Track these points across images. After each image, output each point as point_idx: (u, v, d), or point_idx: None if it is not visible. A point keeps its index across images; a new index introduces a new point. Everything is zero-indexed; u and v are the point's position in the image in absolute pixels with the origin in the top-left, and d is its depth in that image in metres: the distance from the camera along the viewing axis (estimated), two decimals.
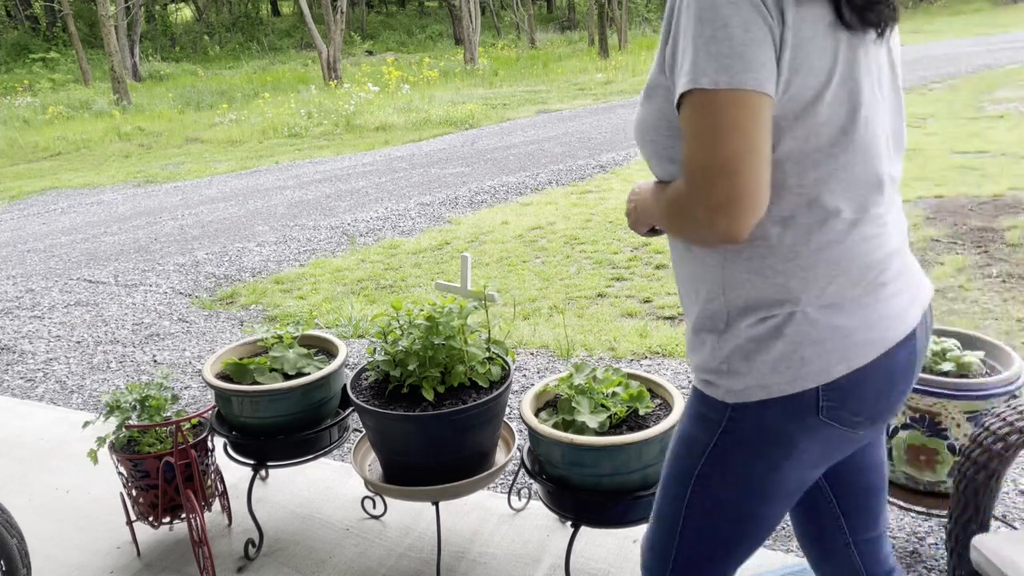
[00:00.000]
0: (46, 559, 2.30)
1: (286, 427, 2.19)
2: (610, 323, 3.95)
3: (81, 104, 14.92)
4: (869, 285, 1.08)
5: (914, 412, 1.93)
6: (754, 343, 1.09)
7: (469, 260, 2.13)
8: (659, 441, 1.85)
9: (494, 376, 2.06)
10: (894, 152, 1.13)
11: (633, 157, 7.99)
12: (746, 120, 0.95)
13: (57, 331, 4.40)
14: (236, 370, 2.25)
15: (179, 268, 5.43)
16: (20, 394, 3.62)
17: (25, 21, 25.10)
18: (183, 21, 29.56)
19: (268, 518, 2.43)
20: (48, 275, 5.51)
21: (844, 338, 1.07)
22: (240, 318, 4.43)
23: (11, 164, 10.90)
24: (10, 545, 1.72)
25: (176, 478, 2.14)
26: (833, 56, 1.00)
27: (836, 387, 1.08)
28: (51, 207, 7.92)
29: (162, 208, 7.46)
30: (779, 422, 1.11)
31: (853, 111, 1.02)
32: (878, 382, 1.10)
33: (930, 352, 2.02)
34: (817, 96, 1.00)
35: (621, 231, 5.48)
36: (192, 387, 3.57)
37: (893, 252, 1.11)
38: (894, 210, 1.13)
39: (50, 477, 2.77)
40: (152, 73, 20.34)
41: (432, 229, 5.98)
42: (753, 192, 0.96)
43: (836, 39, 1.00)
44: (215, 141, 11.50)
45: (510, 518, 2.37)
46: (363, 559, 2.24)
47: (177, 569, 2.24)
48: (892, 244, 1.11)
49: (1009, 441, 1.53)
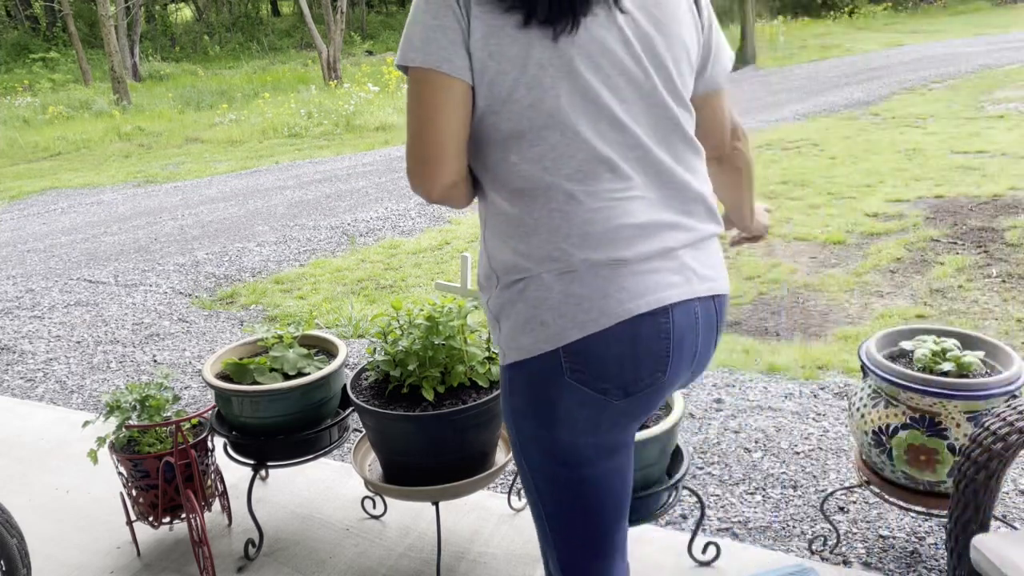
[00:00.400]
0: (46, 559, 2.30)
1: (286, 427, 2.19)
2: None
3: (81, 104, 14.91)
4: (602, 258, 1.14)
5: (914, 412, 1.93)
6: (507, 305, 1.20)
7: (469, 260, 2.13)
8: (659, 441, 1.85)
9: (494, 376, 2.06)
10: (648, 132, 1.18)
11: None
12: (429, 95, 1.13)
13: (57, 331, 4.40)
14: (236, 370, 2.25)
15: (179, 268, 5.43)
16: (20, 394, 3.62)
17: (25, 21, 25.10)
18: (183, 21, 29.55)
19: (268, 518, 2.43)
20: (48, 275, 5.51)
21: (576, 305, 1.14)
22: (240, 318, 4.43)
23: (11, 164, 10.90)
24: (10, 545, 1.72)
25: (176, 478, 2.14)
26: (527, 44, 1.10)
27: (575, 351, 1.15)
28: (51, 207, 7.92)
29: (162, 208, 7.46)
30: (538, 382, 1.19)
31: (557, 96, 1.11)
32: (619, 351, 1.15)
33: (930, 352, 2.02)
34: (516, 82, 1.11)
35: None
36: (192, 387, 3.57)
37: (639, 232, 1.16)
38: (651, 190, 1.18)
39: (50, 477, 2.77)
40: (152, 73, 20.33)
41: (432, 229, 5.98)
42: (435, 158, 1.14)
43: (527, 34, 1.10)
44: (215, 141, 11.50)
45: (510, 518, 2.37)
46: (363, 559, 2.24)
47: (177, 569, 2.24)
48: (634, 222, 1.16)
49: (1009, 441, 1.53)
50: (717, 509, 2.43)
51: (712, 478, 2.59)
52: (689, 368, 1.24)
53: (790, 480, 2.55)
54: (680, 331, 1.18)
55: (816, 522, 2.33)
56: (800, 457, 2.68)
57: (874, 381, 2.04)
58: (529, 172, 1.16)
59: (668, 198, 1.20)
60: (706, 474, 2.62)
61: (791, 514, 2.38)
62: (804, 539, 2.26)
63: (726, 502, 2.46)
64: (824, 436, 2.79)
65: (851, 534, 2.27)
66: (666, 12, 1.17)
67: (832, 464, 2.62)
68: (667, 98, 1.18)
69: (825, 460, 2.65)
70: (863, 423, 2.04)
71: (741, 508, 2.43)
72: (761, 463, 2.66)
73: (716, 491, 2.52)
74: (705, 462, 2.69)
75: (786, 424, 2.89)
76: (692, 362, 1.24)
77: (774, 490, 2.51)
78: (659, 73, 1.17)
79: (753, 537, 2.29)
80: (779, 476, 2.58)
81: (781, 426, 2.88)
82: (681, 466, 1.97)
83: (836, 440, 2.76)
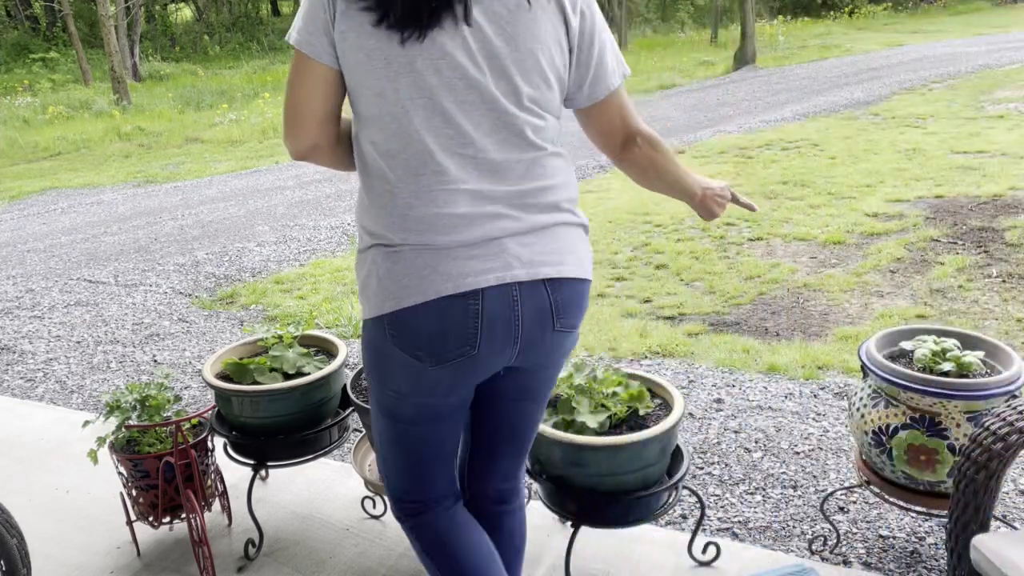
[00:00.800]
0: (46, 559, 2.30)
1: (286, 427, 2.19)
2: (610, 323, 3.95)
3: (81, 104, 14.90)
4: (421, 241, 1.29)
5: (914, 412, 1.93)
6: (358, 267, 1.39)
7: None
8: (659, 441, 1.85)
9: None
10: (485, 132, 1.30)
11: None
12: (295, 73, 1.31)
13: (57, 331, 4.40)
14: (236, 370, 2.25)
15: (179, 268, 5.43)
16: (20, 394, 3.62)
17: (25, 21, 25.09)
18: (183, 21, 29.53)
19: (268, 518, 2.43)
20: (48, 275, 5.51)
21: (394, 280, 1.30)
22: (240, 318, 4.43)
23: (11, 164, 10.90)
24: (10, 545, 1.72)
25: (176, 478, 2.14)
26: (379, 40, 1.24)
27: (393, 320, 1.32)
28: (51, 207, 7.92)
29: (162, 208, 7.47)
30: (373, 341, 1.38)
31: (397, 90, 1.26)
32: (428, 326, 1.31)
33: (930, 352, 2.02)
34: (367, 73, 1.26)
35: (621, 231, 5.48)
36: (192, 387, 3.57)
37: (460, 221, 1.29)
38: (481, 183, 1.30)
39: (50, 477, 2.77)
40: (152, 73, 20.31)
41: None
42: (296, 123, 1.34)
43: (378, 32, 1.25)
44: (215, 141, 11.50)
45: None
46: (363, 559, 2.24)
47: (177, 569, 2.24)
48: (454, 212, 1.29)
49: (1009, 441, 1.53)
50: (717, 509, 2.43)
51: (712, 478, 2.59)
52: (513, 345, 1.36)
53: (790, 480, 2.55)
54: (491, 312, 1.31)
55: (816, 522, 2.33)
56: (800, 457, 2.68)
57: (874, 381, 2.04)
58: (371, 154, 1.32)
59: (498, 192, 1.32)
60: (706, 474, 2.62)
61: (791, 514, 2.38)
62: (804, 539, 2.26)
63: (726, 502, 2.46)
64: (824, 436, 2.79)
65: (851, 534, 2.27)
66: (520, 30, 1.29)
67: (832, 464, 2.62)
68: (507, 103, 1.30)
69: (825, 460, 2.65)
70: (863, 423, 2.04)
71: (741, 508, 2.43)
72: (761, 463, 2.66)
73: (716, 491, 2.52)
74: (705, 462, 2.69)
75: (786, 424, 2.89)
76: (516, 341, 1.35)
77: (774, 490, 2.51)
78: (502, 81, 1.29)
79: (753, 537, 2.29)
80: (779, 476, 2.58)
81: (781, 426, 2.88)
82: (681, 466, 1.97)
83: (836, 440, 2.76)
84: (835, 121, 8.96)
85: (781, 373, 3.29)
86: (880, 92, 10.72)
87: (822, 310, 3.95)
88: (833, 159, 7.09)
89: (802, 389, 3.15)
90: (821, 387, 3.15)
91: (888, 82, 11.57)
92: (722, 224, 5.45)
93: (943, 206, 5.45)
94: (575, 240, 1.41)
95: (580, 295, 1.41)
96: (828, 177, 6.47)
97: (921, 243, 4.73)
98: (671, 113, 10.73)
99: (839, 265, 4.53)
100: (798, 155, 7.40)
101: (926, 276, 4.24)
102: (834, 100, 10.37)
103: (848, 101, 10.20)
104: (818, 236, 5.03)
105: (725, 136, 8.58)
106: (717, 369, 3.38)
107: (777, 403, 3.05)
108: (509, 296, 1.31)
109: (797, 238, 5.05)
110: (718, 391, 3.18)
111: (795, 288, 4.24)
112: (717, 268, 4.62)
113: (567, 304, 1.38)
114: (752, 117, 9.61)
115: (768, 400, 3.08)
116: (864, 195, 5.85)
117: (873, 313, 3.84)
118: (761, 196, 6.09)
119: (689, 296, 4.24)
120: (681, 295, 4.26)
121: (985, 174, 6.10)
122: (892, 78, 11.96)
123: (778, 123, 9.11)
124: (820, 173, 6.63)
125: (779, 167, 6.98)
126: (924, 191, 5.81)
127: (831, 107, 9.88)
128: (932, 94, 10.24)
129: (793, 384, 3.19)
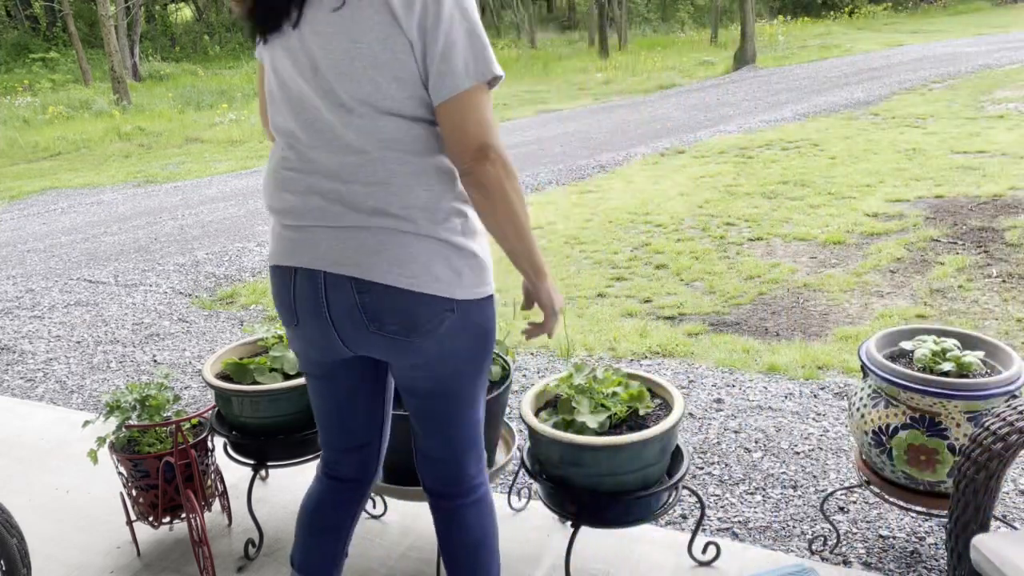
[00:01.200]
0: (46, 559, 2.30)
1: (286, 427, 2.19)
2: (610, 323, 3.95)
3: (81, 104, 14.90)
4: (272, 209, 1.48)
5: (914, 412, 1.93)
6: None
7: None
8: (659, 441, 1.85)
9: (494, 376, 2.06)
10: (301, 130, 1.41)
11: (634, 157, 7.99)
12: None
13: (57, 331, 4.40)
14: (236, 370, 2.25)
15: (179, 268, 5.43)
16: (20, 394, 3.62)
17: (25, 21, 25.08)
18: (183, 21, 29.53)
19: (268, 518, 2.43)
20: (48, 275, 5.51)
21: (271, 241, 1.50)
22: (240, 318, 4.43)
23: (11, 164, 10.90)
24: (10, 545, 1.72)
25: (176, 478, 2.14)
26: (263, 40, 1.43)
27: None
28: (51, 207, 7.92)
29: (162, 208, 7.47)
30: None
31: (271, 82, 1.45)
32: (273, 288, 1.52)
33: (930, 352, 2.02)
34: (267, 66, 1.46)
35: (621, 231, 5.48)
36: (192, 387, 3.57)
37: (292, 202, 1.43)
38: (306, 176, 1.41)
39: (50, 477, 2.77)
40: (152, 73, 20.32)
41: None
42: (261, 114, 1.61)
43: None
44: (215, 141, 11.50)
45: (510, 518, 2.37)
46: (363, 559, 2.23)
47: (177, 569, 2.24)
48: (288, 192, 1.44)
49: (1009, 441, 1.53)
50: (717, 509, 2.43)
51: (712, 478, 2.59)
52: (330, 330, 1.45)
53: (790, 480, 2.55)
54: (302, 290, 1.44)
55: (816, 522, 2.33)
56: (800, 457, 2.68)
57: (874, 381, 2.04)
58: None
59: (318, 186, 1.41)
60: (706, 474, 2.62)
61: (791, 514, 2.38)
62: (804, 539, 2.26)
63: (726, 502, 2.46)
64: (824, 436, 2.79)
65: (851, 534, 2.27)
66: (337, 30, 1.33)
67: (832, 464, 2.62)
68: (319, 104, 1.37)
69: (825, 460, 2.65)
70: (863, 423, 2.04)
71: (741, 508, 2.43)
72: (761, 463, 2.66)
73: (716, 491, 2.52)
74: (705, 462, 2.69)
75: (786, 424, 2.89)
76: (330, 325, 1.44)
77: (774, 490, 2.51)
78: (317, 84, 1.37)
79: (753, 537, 2.29)
80: (779, 476, 2.58)
81: (781, 426, 2.88)
82: (681, 466, 1.97)
83: (836, 440, 2.76)
84: (835, 121, 8.96)
85: (781, 373, 3.29)
86: (880, 92, 10.72)
87: (822, 310, 3.95)
88: (833, 159, 7.09)
89: (802, 389, 3.15)
90: (821, 387, 3.15)
91: (888, 82, 11.57)
92: (722, 224, 5.45)
93: (943, 206, 5.45)
94: (407, 248, 1.36)
95: (399, 303, 1.37)
96: (828, 177, 6.47)
97: (921, 243, 4.73)
98: (671, 113, 10.73)
99: (839, 265, 4.53)
100: (798, 155, 7.40)
101: (926, 276, 4.24)
102: (834, 100, 10.38)
103: (848, 101, 10.20)
104: (818, 236, 5.03)
105: (725, 136, 8.58)
106: (717, 369, 3.38)
107: (777, 403, 3.05)
108: (317, 280, 1.42)
109: (797, 238, 5.05)
110: (718, 391, 3.18)
111: (795, 288, 4.24)
112: (717, 268, 4.62)
113: (378, 309, 1.38)
114: (752, 117, 9.61)
115: (768, 400, 3.07)
116: (864, 195, 5.85)
117: (873, 313, 3.84)
118: (761, 196, 6.09)
119: (689, 296, 4.24)
120: (681, 295, 4.26)
121: (985, 174, 6.10)
122: (892, 78, 11.96)
123: (778, 123, 9.11)
124: (820, 173, 6.63)
125: (779, 167, 6.98)
126: (924, 191, 5.81)
127: (831, 107, 9.88)
128: (932, 94, 10.24)
129: (793, 384, 3.19)
